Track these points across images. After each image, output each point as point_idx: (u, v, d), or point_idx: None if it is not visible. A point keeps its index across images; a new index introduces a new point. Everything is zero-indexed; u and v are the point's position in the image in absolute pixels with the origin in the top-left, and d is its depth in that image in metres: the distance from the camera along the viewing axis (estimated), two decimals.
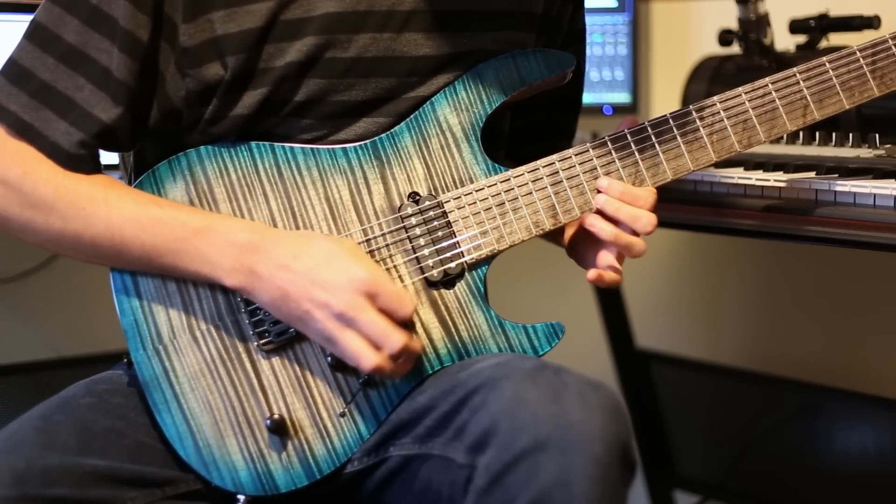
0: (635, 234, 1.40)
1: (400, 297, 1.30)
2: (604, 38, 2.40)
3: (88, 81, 1.34)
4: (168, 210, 1.34)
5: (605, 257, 1.41)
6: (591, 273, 1.41)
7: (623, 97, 2.41)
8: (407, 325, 1.32)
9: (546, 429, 1.17)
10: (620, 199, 1.39)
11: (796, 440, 2.30)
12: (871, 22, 1.93)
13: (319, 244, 1.32)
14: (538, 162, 1.41)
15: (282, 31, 1.36)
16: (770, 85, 1.44)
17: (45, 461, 1.26)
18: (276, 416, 1.34)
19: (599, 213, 1.40)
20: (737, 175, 1.64)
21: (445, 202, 1.40)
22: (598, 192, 1.40)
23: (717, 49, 2.15)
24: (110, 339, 1.85)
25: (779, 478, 2.34)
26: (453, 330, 1.38)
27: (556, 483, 1.15)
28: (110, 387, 1.40)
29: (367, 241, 1.38)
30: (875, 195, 1.47)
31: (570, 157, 1.41)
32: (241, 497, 1.34)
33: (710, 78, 2.10)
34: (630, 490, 1.21)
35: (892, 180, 1.51)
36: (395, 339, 1.28)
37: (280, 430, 1.34)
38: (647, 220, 1.39)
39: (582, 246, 1.46)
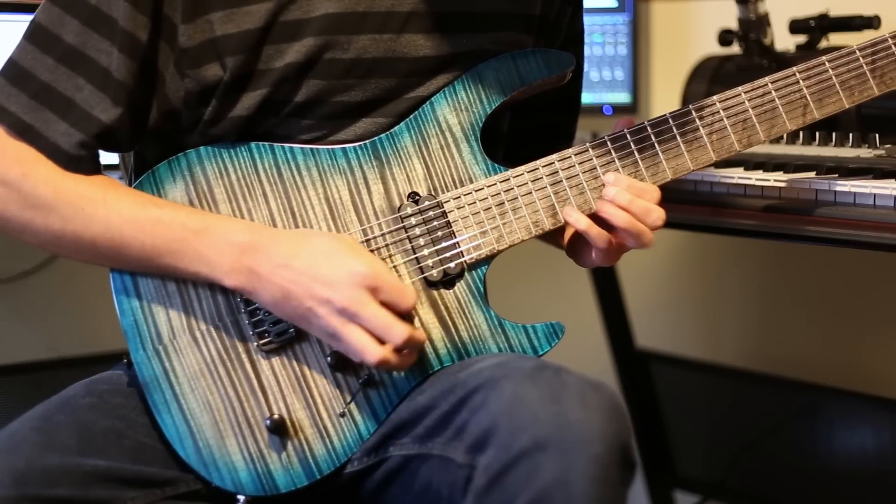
0: None
1: (401, 289, 1.30)
2: (604, 38, 2.39)
3: (88, 82, 1.34)
4: (167, 211, 1.34)
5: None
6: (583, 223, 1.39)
7: (623, 97, 2.41)
8: (409, 318, 1.32)
9: (546, 429, 1.17)
10: (628, 192, 1.39)
11: (796, 440, 2.30)
12: (871, 22, 1.93)
13: (318, 241, 1.32)
14: (538, 162, 1.41)
15: (281, 32, 1.36)
16: (770, 84, 1.44)
17: (44, 461, 1.26)
18: (275, 417, 1.34)
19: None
20: (737, 175, 1.64)
21: (445, 202, 1.40)
22: (606, 185, 1.39)
23: (717, 49, 2.15)
24: (110, 339, 1.85)
25: (779, 478, 2.34)
26: (453, 330, 1.38)
27: (555, 483, 1.15)
28: (110, 387, 1.40)
29: (367, 241, 1.38)
30: (875, 195, 1.47)
31: (570, 157, 1.41)
32: (241, 497, 1.34)
33: (710, 78, 2.09)
34: (630, 490, 1.21)
35: (892, 180, 1.51)
36: (399, 331, 1.28)
37: (280, 430, 1.34)
38: (658, 214, 1.39)
39: (580, 244, 1.45)
